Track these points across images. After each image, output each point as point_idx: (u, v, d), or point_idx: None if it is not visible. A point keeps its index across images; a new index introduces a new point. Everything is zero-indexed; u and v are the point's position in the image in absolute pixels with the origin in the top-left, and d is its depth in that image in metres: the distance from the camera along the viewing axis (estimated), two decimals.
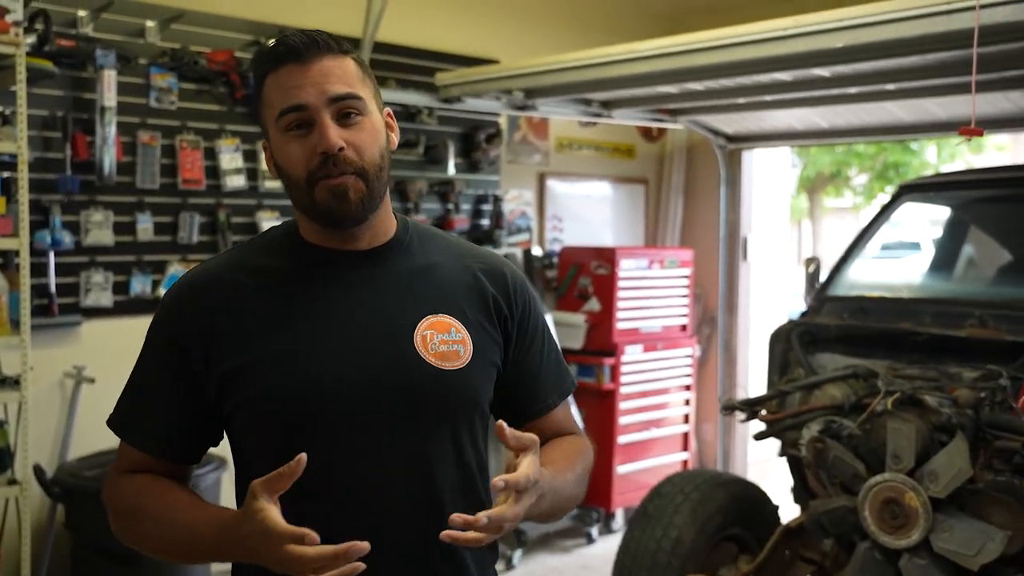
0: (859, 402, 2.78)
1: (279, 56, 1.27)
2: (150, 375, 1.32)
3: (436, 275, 1.37)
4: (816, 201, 16.92)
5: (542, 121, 5.30)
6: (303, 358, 1.26)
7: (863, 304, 3.35)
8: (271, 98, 1.27)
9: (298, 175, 1.26)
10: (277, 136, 1.28)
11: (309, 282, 1.31)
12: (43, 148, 3.52)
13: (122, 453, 1.34)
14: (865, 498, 2.48)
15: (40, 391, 3.52)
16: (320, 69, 1.25)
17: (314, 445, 1.19)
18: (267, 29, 4.06)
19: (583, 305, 5.07)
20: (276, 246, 1.36)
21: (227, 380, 1.27)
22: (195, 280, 1.33)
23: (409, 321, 1.31)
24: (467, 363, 1.32)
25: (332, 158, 1.24)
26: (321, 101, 1.24)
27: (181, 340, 1.29)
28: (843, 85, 3.65)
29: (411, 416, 1.28)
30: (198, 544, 1.23)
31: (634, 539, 3.09)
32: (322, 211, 1.27)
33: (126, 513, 1.30)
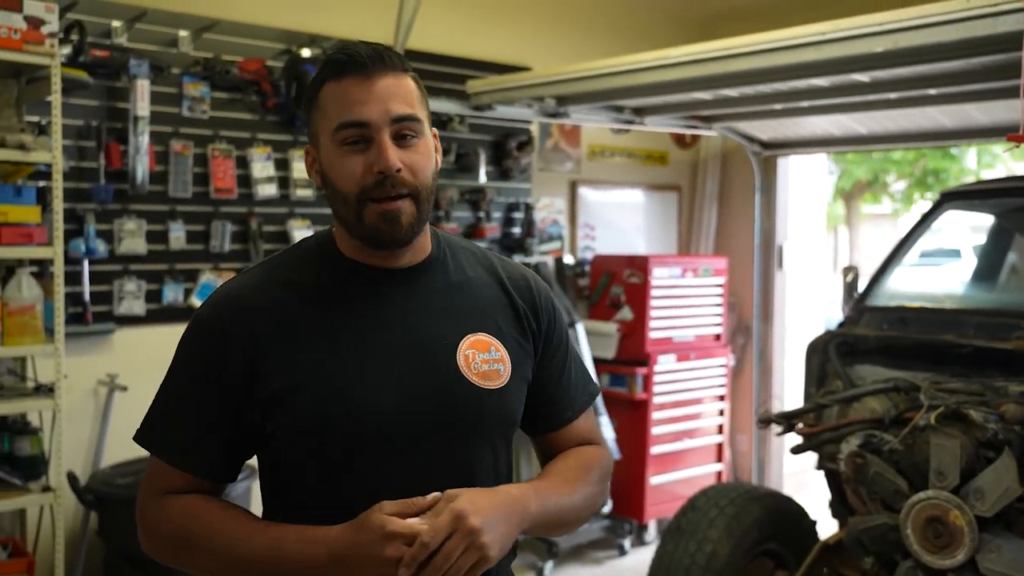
0: (900, 416, 2.70)
1: (343, 66, 1.24)
2: (188, 391, 1.27)
3: (471, 291, 1.36)
4: (853, 208, 16.71)
5: (574, 128, 5.27)
6: (350, 382, 1.24)
7: (903, 314, 3.28)
8: (330, 108, 1.25)
9: (348, 190, 1.24)
10: (330, 147, 1.25)
11: (351, 301, 1.29)
12: (78, 157, 3.55)
13: (156, 472, 1.28)
14: (908, 516, 2.41)
15: (74, 399, 3.54)
16: (384, 86, 1.24)
17: (360, 467, 1.22)
18: (299, 38, 4.07)
19: (615, 314, 5.02)
20: (313, 261, 1.33)
21: (272, 402, 1.24)
22: (235, 296, 1.29)
23: (451, 341, 1.30)
24: (506, 382, 1.32)
25: (389, 178, 1.23)
26: (384, 120, 1.23)
27: (223, 358, 1.25)
28: (883, 90, 3.57)
29: (456, 436, 1.28)
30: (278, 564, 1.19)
31: (667, 553, 3.04)
32: (370, 232, 1.25)
33: (177, 540, 1.25)
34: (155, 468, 1.29)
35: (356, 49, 1.25)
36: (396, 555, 1.11)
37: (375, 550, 1.12)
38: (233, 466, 1.30)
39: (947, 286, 4.52)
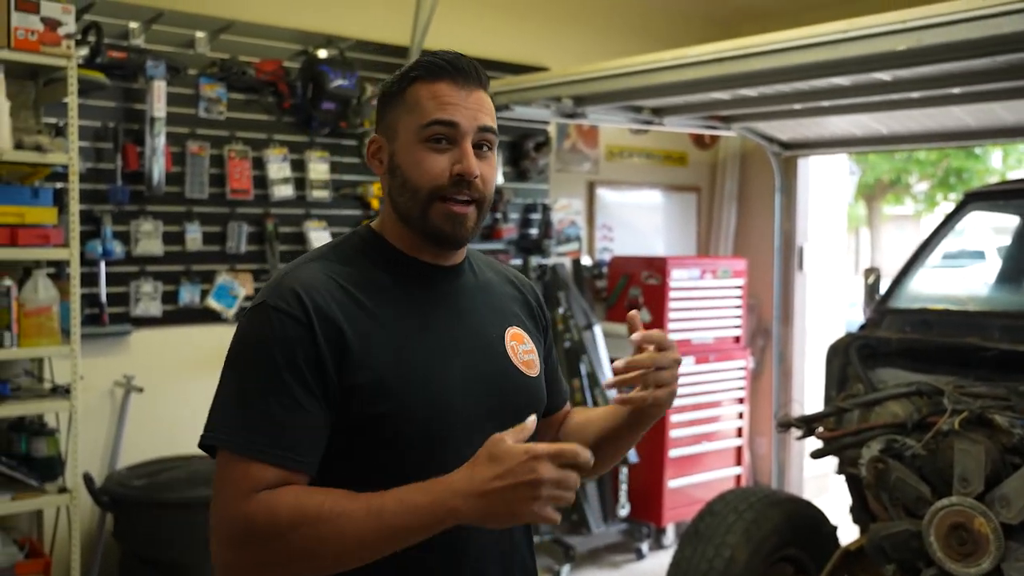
0: (923, 421, 2.66)
1: (440, 69, 1.32)
2: (281, 382, 1.22)
3: (496, 291, 1.48)
4: (875, 209, 16.57)
5: (592, 129, 5.23)
6: (427, 371, 1.30)
7: (926, 317, 3.23)
8: (422, 104, 1.31)
9: (422, 185, 1.30)
10: (412, 141, 1.31)
11: (415, 295, 1.36)
12: (95, 159, 3.55)
13: (240, 473, 1.19)
14: (931, 523, 2.36)
15: (90, 400, 3.54)
16: (476, 98, 1.33)
17: (445, 453, 1.27)
18: (315, 38, 4.06)
19: None
20: (367, 255, 1.36)
21: (353, 393, 1.25)
22: (311, 287, 1.27)
23: (498, 333, 1.42)
24: (540, 370, 1.46)
25: (467, 181, 1.30)
26: (472, 127, 1.31)
27: (315, 344, 1.23)
28: (905, 89, 3.52)
29: (510, 419, 1.28)
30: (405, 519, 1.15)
31: (685, 558, 3.00)
32: (432, 229, 1.32)
33: (290, 523, 1.16)
34: (238, 470, 1.19)
35: (450, 57, 1.33)
36: (546, 474, 1.11)
37: (522, 474, 1.11)
38: (318, 456, 1.25)
39: (971, 288, 4.45)
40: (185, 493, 3.24)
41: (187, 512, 3.21)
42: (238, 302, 3.87)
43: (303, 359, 1.23)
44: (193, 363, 3.78)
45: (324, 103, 3.96)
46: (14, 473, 3.09)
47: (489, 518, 1.14)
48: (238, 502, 1.18)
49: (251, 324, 1.27)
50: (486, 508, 1.13)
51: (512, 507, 1.12)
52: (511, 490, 1.12)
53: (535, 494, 1.11)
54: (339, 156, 4.19)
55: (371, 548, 1.17)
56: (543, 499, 1.11)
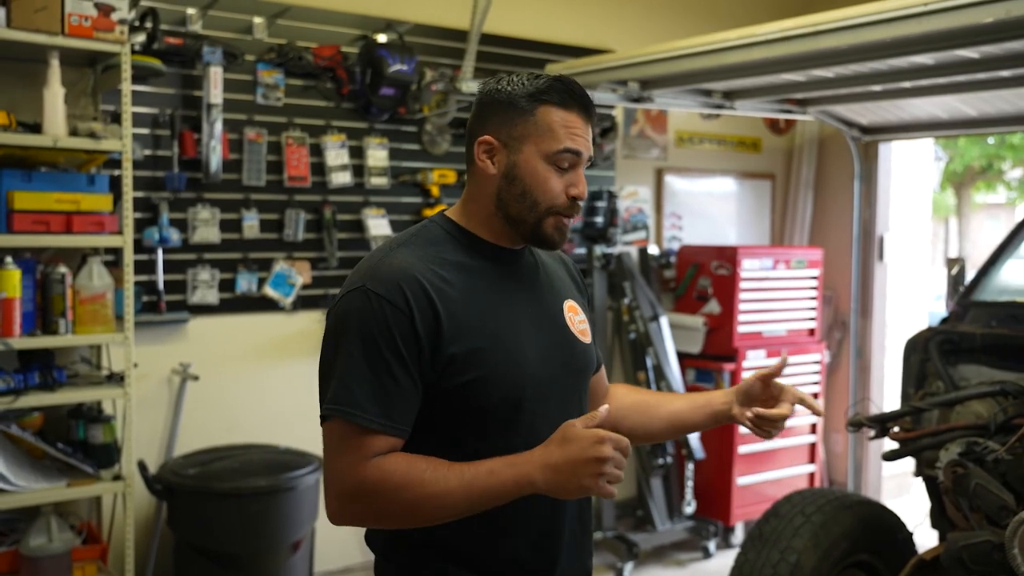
0: (1008, 422, 2.49)
1: (571, 99, 1.49)
2: (384, 361, 1.40)
3: (550, 268, 1.66)
4: (964, 197, 15.92)
5: (660, 114, 5.07)
6: (512, 342, 1.48)
7: (1014, 311, 3.03)
8: (555, 131, 1.48)
9: (543, 200, 1.49)
10: (537, 159, 1.48)
11: (492, 275, 1.53)
12: (152, 146, 3.56)
13: (353, 441, 1.39)
14: (1014, 534, 2.18)
15: (148, 387, 3.56)
16: (590, 131, 1.53)
17: (524, 413, 1.48)
18: (374, 22, 4.00)
19: (702, 307, 4.82)
20: (450, 241, 1.53)
21: (451, 362, 1.42)
22: (404, 270, 1.44)
23: (559, 307, 1.60)
24: (591, 339, 1.65)
25: (578, 203, 1.51)
26: (585, 156, 1.51)
27: (412, 325, 1.40)
28: (994, 68, 3.31)
29: (575, 383, 1.59)
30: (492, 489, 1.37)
31: (748, 562, 2.86)
32: (543, 236, 1.51)
33: (398, 485, 1.37)
34: (353, 437, 1.39)
35: (578, 89, 1.51)
36: (609, 454, 1.32)
37: (590, 452, 1.32)
38: (412, 423, 1.44)
39: None
40: (238, 483, 3.23)
41: (239, 502, 3.21)
42: (295, 290, 3.85)
43: (401, 339, 1.40)
44: (250, 352, 3.77)
45: (383, 89, 3.90)
46: (70, 459, 3.12)
47: (560, 489, 1.36)
48: (354, 466, 1.39)
49: (354, 307, 1.42)
50: (558, 480, 1.35)
51: (580, 480, 1.33)
52: (582, 464, 1.33)
53: (599, 470, 1.32)
54: (398, 142, 4.13)
55: (460, 511, 1.40)
56: (605, 475, 1.33)
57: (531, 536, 1.50)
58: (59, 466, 3.16)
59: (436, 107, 4.16)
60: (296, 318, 3.88)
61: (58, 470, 3.13)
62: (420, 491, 1.37)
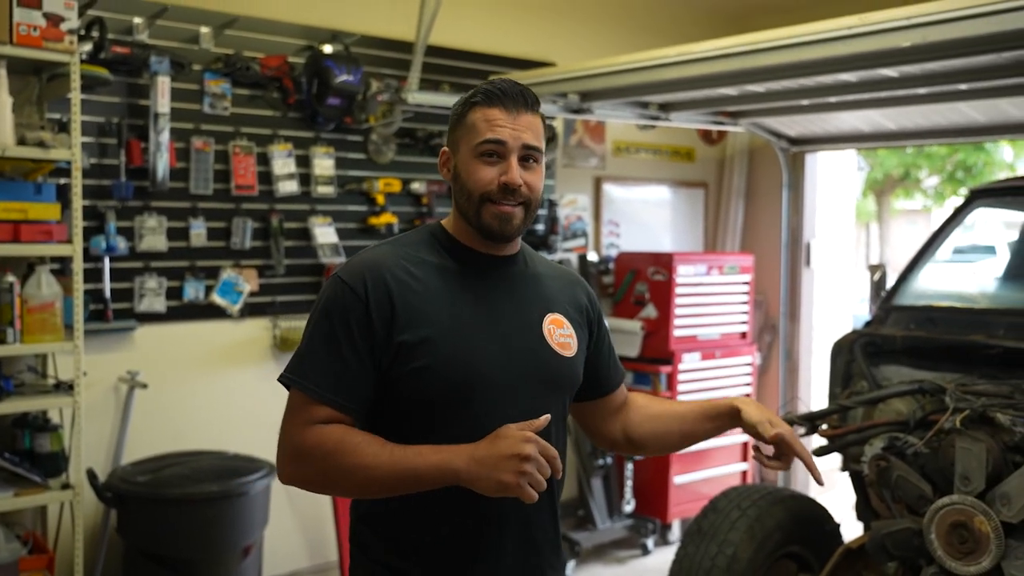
0: (926, 419, 2.64)
1: (493, 97, 1.58)
2: (339, 344, 1.52)
3: (545, 283, 1.72)
4: (884, 204, 16.48)
5: (599, 124, 5.22)
6: (469, 339, 1.55)
7: (932, 314, 3.21)
8: (478, 126, 1.58)
9: (474, 191, 1.57)
10: (469, 156, 1.58)
11: (467, 277, 1.62)
12: (99, 155, 3.56)
13: (302, 407, 1.52)
14: (932, 521, 2.35)
15: (95, 396, 3.56)
16: (521, 121, 1.58)
17: (470, 411, 1.54)
18: (320, 33, 4.06)
19: (640, 312, 4.97)
20: (431, 244, 1.64)
21: (404, 349, 1.52)
22: (372, 261, 1.57)
23: (538, 316, 1.66)
24: (575, 353, 1.69)
25: (512, 189, 1.56)
26: (516, 145, 1.57)
27: (367, 312, 1.52)
28: (912, 86, 3.51)
29: (541, 391, 1.62)
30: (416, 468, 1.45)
31: (688, 556, 2.99)
32: (484, 227, 1.58)
33: (331, 451, 1.48)
34: (301, 404, 1.52)
35: (504, 85, 1.58)
36: (531, 453, 1.40)
37: (514, 449, 1.40)
38: (365, 404, 1.55)
39: (978, 285, 4.41)
40: (189, 489, 3.25)
41: (191, 508, 3.23)
42: (243, 298, 3.88)
43: (356, 323, 1.52)
44: (198, 359, 3.79)
45: (329, 99, 3.96)
46: (17, 469, 3.11)
47: (479, 480, 1.42)
48: (297, 429, 1.51)
49: (324, 291, 1.58)
50: (479, 472, 1.42)
51: (500, 475, 1.40)
52: (504, 460, 1.40)
53: (519, 468, 1.39)
54: (344, 152, 4.19)
55: (388, 486, 1.48)
56: (524, 474, 1.39)
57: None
58: (4, 476, 3.14)
59: (382, 117, 4.23)
60: (244, 325, 3.91)
61: (3, 480, 3.12)
62: (351, 459, 1.47)
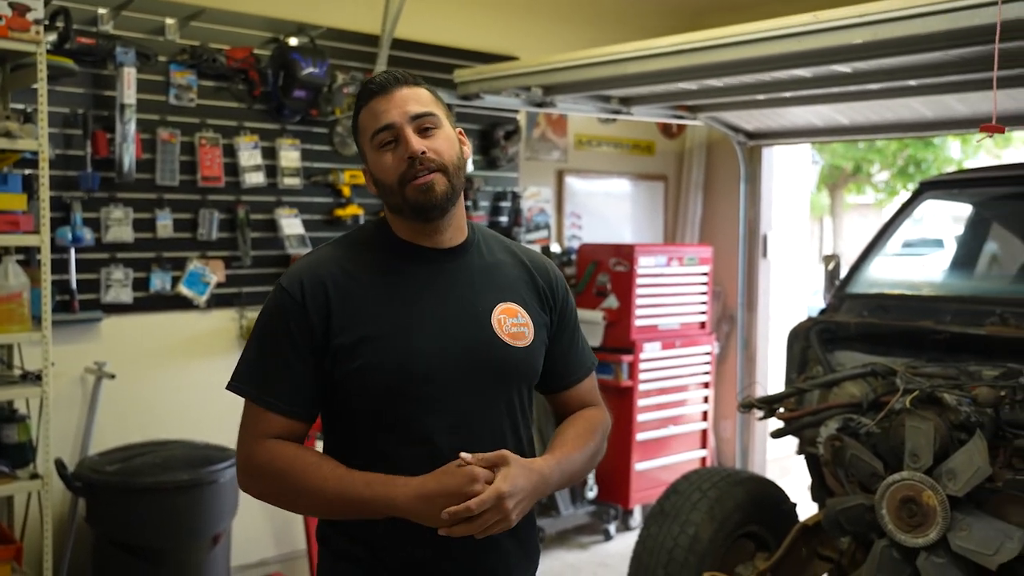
0: (877, 400, 2.76)
1: (368, 93, 1.56)
2: (280, 348, 1.52)
3: (501, 270, 1.66)
4: (837, 197, 16.79)
5: (561, 118, 5.29)
6: (406, 336, 1.53)
7: (883, 302, 3.33)
8: (365, 125, 1.57)
9: (391, 180, 1.55)
10: (372, 154, 1.57)
11: (405, 272, 1.58)
12: (64, 145, 3.55)
13: (254, 417, 1.53)
14: (883, 496, 2.46)
15: (62, 386, 3.56)
16: (400, 96, 1.55)
17: (412, 406, 1.52)
18: (286, 26, 4.08)
19: (601, 302, 5.06)
20: (373, 242, 1.62)
21: (343, 351, 1.51)
22: (312, 267, 1.56)
23: (487, 307, 1.61)
24: (530, 343, 1.63)
25: (417, 159, 1.52)
26: (404, 119, 1.53)
27: (307, 318, 1.51)
28: (864, 81, 3.61)
29: (491, 383, 1.58)
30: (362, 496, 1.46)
31: (651, 536, 3.08)
32: (413, 206, 1.54)
33: (281, 471, 1.49)
34: (253, 414, 1.53)
35: (377, 78, 1.57)
36: (479, 492, 1.41)
37: (462, 488, 1.41)
38: (314, 410, 1.56)
39: (926, 274, 4.57)
40: (159, 478, 3.27)
41: (160, 496, 3.25)
42: (209, 289, 3.89)
43: (295, 328, 1.52)
44: (165, 350, 3.80)
45: (295, 91, 3.98)
46: None
47: (421, 517, 1.44)
48: (250, 442, 1.52)
49: (267, 300, 1.58)
50: (421, 508, 1.43)
51: (434, 512, 1.41)
52: (446, 496, 1.41)
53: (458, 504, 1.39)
54: (310, 144, 4.21)
55: (335, 510, 1.51)
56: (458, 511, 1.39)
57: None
58: None
59: (347, 109, 4.26)
60: (210, 316, 3.93)
61: None
62: (300, 482, 1.48)
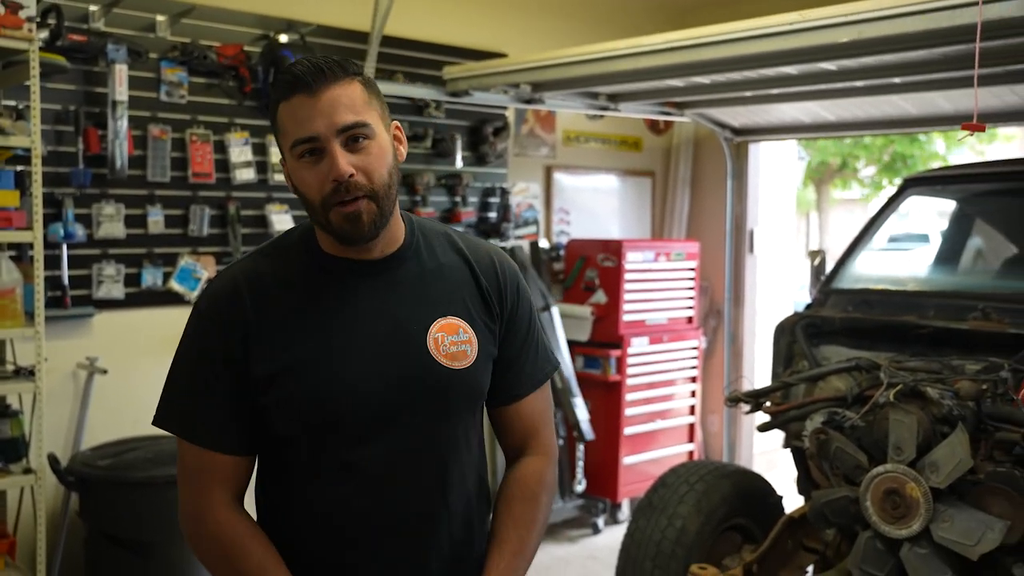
0: (862, 394, 2.80)
1: (290, 86, 1.33)
2: (201, 379, 1.37)
3: (443, 276, 1.46)
4: (823, 193, 16.88)
5: (549, 114, 5.32)
6: (331, 364, 1.36)
7: (867, 297, 3.38)
8: (285, 127, 1.35)
9: (313, 199, 1.35)
10: (292, 162, 1.36)
11: (329, 290, 1.40)
12: (56, 142, 3.56)
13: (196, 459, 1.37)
14: (867, 488, 2.50)
15: (54, 382, 3.57)
16: (328, 99, 1.31)
17: (342, 439, 1.36)
18: (276, 23, 4.09)
19: (589, 297, 5.10)
20: (295, 254, 1.43)
21: (264, 382, 1.36)
22: (229, 287, 1.39)
23: (423, 325, 1.41)
24: (473, 361, 1.44)
25: (344, 184, 1.32)
26: (331, 132, 1.31)
27: (222, 343, 1.36)
28: (849, 79, 3.66)
29: (428, 412, 1.41)
30: None
31: (639, 529, 3.12)
32: (337, 232, 1.36)
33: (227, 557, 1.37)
34: (192, 455, 1.38)
35: (300, 68, 1.33)
36: None
37: None
38: (251, 439, 1.40)
39: (911, 270, 4.62)
40: (151, 472, 3.29)
41: (153, 490, 3.27)
42: (200, 284, 3.91)
43: (216, 355, 1.36)
44: (156, 345, 3.81)
45: None
46: None
47: None
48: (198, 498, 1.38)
49: (187, 323, 1.42)
50: None
51: None
52: None
53: None
54: None
55: None
56: None
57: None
58: None
59: None
60: None
61: None
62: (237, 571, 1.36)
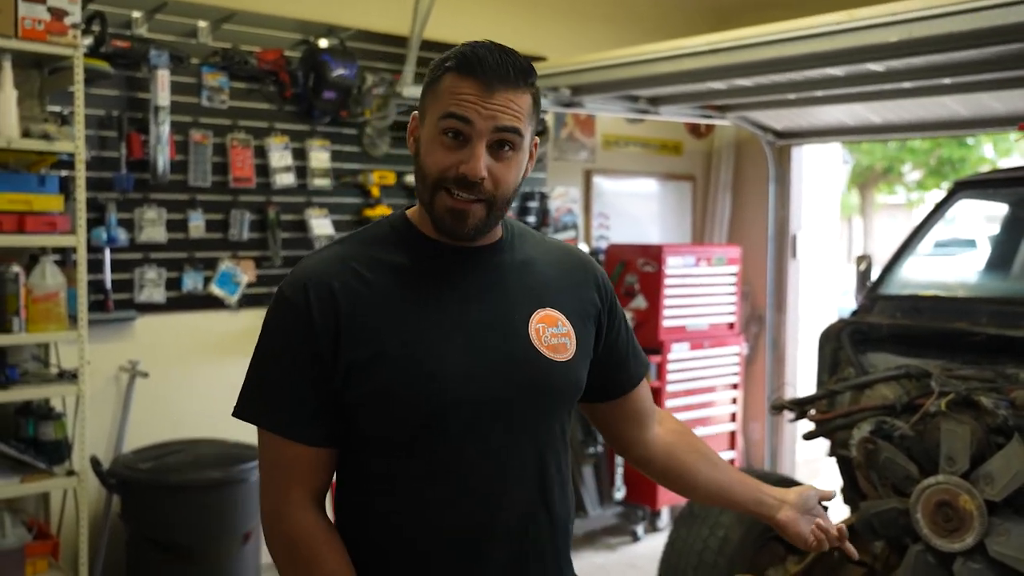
0: (911, 403, 2.73)
1: (470, 64, 1.28)
2: (284, 369, 1.31)
3: (538, 271, 1.43)
4: (868, 197, 16.65)
5: (589, 118, 5.29)
6: (428, 352, 1.30)
7: (916, 303, 3.29)
8: (444, 95, 1.29)
9: (431, 174, 1.30)
10: (431, 129, 1.31)
11: (431, 277, 1.35)
12: (99, 147, 3.60)
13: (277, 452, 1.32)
14: (918, 500, 2.44)
15: (97, 385, 3.60)
16: (501, 99, 1.28)
17: (440, 435, 1.30)
18: (316, 28, 4.11)
19: (629, 303, 5.05)
20: (391, 238, 1.38)
21: (355, 369, 1.29)
22: (318, 271, 1.33)
23: (523, 316, 1.37)
24: (573, 354, 1.40)
25: (471, 183, 1.28)
26: (486, 127, 1.28)
27: (311, 328, 1.29)
28: (897, 80, 3.58)
29: (528, 404, 1.35)
30: None
31: (680, 538, 3.08)
32: (436, 218, 1.32)
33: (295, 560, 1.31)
34: (273, 448, 1.32)
35: (487, 54, 1.28)
36: None
37: None
38: (334, 434, 1.33)
39: (960, 275, 4.52)
40: (191, 476, 3.31)
41: (193, 494, 3.29)
42: (240, 289, 3.93)
43: (303, 343, 1.29)
44: (197, 349, 3.84)
45: (325, 92, 4.01)
46: (23, 456, 3.15)
47: None
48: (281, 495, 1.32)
49: (269, 311, 1.36)
50: None
51: None
52: None
53: None
54: (340, 145, 4.24)
55: None
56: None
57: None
58: (9, 463, 3.18)
59: (377, 111, 4.29)
60: (241, 316, 3.96)
61: (9, 467, 3.16)
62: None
